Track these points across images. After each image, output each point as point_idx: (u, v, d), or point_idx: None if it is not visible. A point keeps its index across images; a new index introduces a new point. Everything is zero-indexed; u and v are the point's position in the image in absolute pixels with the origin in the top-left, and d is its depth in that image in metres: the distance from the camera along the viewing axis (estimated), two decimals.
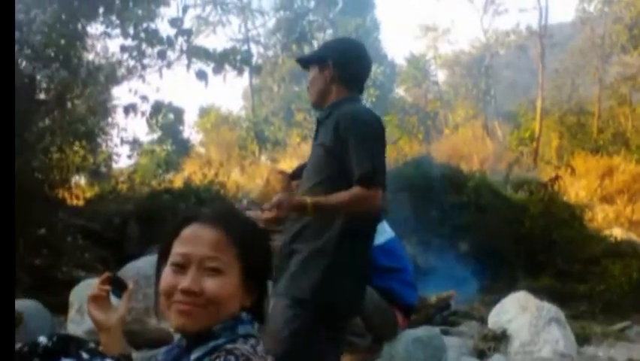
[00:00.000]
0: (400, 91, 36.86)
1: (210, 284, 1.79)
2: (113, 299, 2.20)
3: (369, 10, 35.34)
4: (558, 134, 26.94)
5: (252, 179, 19.60)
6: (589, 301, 9.99)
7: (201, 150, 33.44)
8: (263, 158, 28.53)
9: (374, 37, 34.95)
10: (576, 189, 18.88)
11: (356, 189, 3.28)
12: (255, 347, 1.80)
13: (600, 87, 27.75)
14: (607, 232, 14.00)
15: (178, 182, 14.55)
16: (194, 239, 1.84)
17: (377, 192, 3.31)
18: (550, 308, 6.74)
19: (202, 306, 1.78)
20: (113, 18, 11.36)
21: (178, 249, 1.84)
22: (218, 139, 32.78)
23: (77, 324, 6.89)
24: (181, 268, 1.82)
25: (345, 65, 3.64)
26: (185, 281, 1.79)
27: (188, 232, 1.86)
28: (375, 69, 31.86)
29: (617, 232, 14.37)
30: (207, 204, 11.61)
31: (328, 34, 33.24)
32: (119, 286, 2.20)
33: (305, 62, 3.78)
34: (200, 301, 1.78)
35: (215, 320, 1.80)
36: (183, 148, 30.51)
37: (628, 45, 26.78)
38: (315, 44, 32.46)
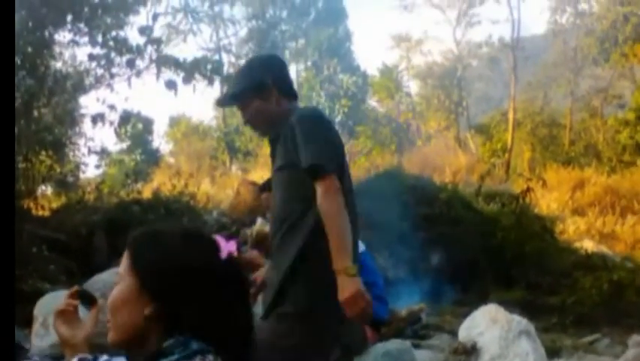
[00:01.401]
0: (372, 102, 36.83)
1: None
2: (82, 311, 2.17)
3: (341, 21, 35.24)
4: (530, 146, 27.13)
5: (222, 189, 19.46)
6: (560, 313, 9.97)
7: (171, 160, 33.24)
8: (234, 168, 28.36)
9: (346, 47, 34.89)
10: (548, 202, 18.97)
11: (319, 198, 3.11)
12: None
13: (572, 100, 28.02)
14: (578, 245, 14.07)
15: (147, 192, 14.39)
16: None
17: (332, 179, 3.13)
18: (520, 321, 6.69)
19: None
20: (82, 26, 11.23)
21: None
22: (188, 149, 32.61)
23: (41, 338, 6.76)
24: None
25: (282, 78, 3.52)
26: None
27: None
28: (348, 80, 31.86)
29: (588, 245, 14.43)
30: (176, 215, 11.51)
31: (300, 43, 33.16)
32: (87, 301, 2.16)
33: (241, 98, 3.49)
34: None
35: (115, 330, 1.84)
36: (153, 158, 30.27)
37: (599, 58, 27.05)
38: (287, 54, 32.31)
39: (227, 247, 1.91)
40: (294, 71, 33.89)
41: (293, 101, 3.53)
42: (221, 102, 3.65)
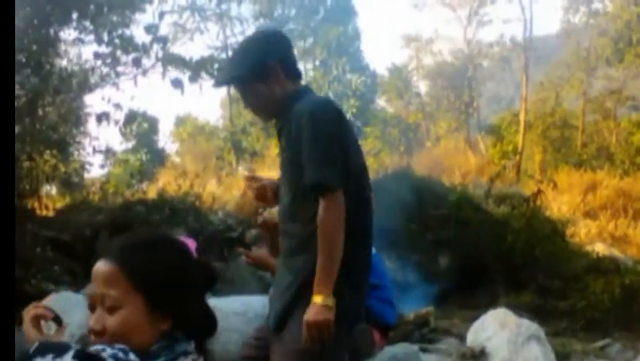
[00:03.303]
0: (381, 102, 36.72)
1: (111, 322, 1.79)
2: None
3: (350, 19, 35.09)
4: (541, 148, 26.96)
5: (228, 190, 19.38)
6: (570, 318, 9.94)
7: (177, 160, 33.24)
8: (240, 169, 28.26)
9: (356, 46, 34.72)
10: (559, 204, 18.83)
11: (320, 213, 2.98)
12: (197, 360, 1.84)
13: (584, 101, 27.82)
14: (589, 248, 13.92)
15: (152, 193, 14.33)
16: (95, 277, 1.84)
17: (335, 195, 2.99)
18: (529, 325, 6.70)
19: (110, 343, 1.78)
20: (87, 24, 11.22)
21: (87, 289, 1.78)
22: (194, 149, 32.66)
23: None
24: (92, 308, 1.84)
25: (286, 58, 3.31)
26: (91, 321, 1.82)
27: (93, 270, 1.85)
28: (357, 79, 31.74)
29: (600, 248, 14.30)
30: (182, 215, 11.43)
31: (309, 42, 33.03)
32: (57, 322, 2.13)
33: (242, 81, 3.29)
34: (107, 339, 1.79)
35: (128, 344, 1.79)
36: (158, 158, 30.21)
37: (613, 58, 26.84)
38: (296, 52, 32.15)
39: (193, 246, 1.97)
40: (302, 70, 33.78)
41: (298, 81, 3.35)
42: (219, 83, 3.43)
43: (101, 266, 1.82)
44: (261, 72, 3.20)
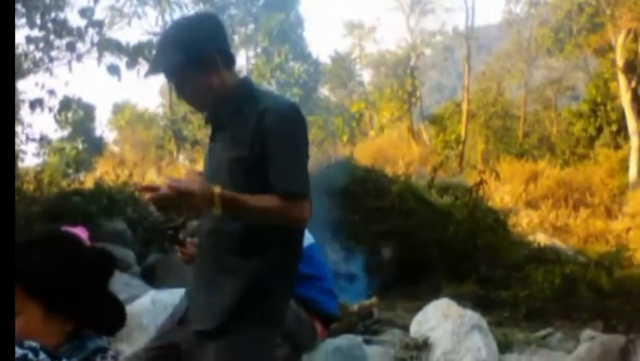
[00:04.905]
0: (324, 90, 36.79)
1: None
2: None
3: (293, 6, 34.93)
4: (484, 137, 27.27)
5: None
6: (512, 307, 9.97)
7: (115, 148, 32.88)
8: (181, 158, 28.06)
9: (298, 34, 34.60)
10: (501, 194, 19.00)
11: (283, 201, 2.82)
12: (116, 357, 1.79)
13: (526, 91, 28.20)
14: (531, 238, 14.07)
15: (89, 182, 13.97)
16: None
17: (307, 203, 2.87)
18: (472, 316, 6.71)
19: (19, 340, 1.68)
20: (19, 7, 10.82)
21: None
22: (133, 138, 32.32)
23: None
24: None
25: (224, 45, 3.05)
26: None
27: None
28: (299, 68, 31.67)
29: (541, 238, 14.46)
30: (120, 205, 11.18)
31: (250, 29, 32.81)
32: None
33: (177, 72, 3.03)
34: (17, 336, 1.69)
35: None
36: (95, 147, 29.90)
37: (553, 48, 27.19)
38: (237, 40, 31.90)
39: (84, 235, 1.87)
40: (243, 57, 33.55)
41: (232, 67, 3.08)
42: (151, 71, 3.16)
43: None
44: (198, 61, 2.96)
